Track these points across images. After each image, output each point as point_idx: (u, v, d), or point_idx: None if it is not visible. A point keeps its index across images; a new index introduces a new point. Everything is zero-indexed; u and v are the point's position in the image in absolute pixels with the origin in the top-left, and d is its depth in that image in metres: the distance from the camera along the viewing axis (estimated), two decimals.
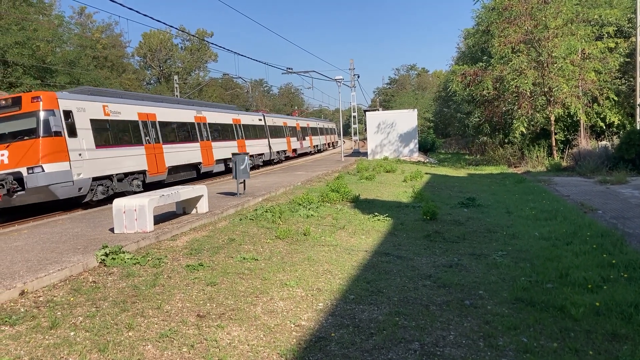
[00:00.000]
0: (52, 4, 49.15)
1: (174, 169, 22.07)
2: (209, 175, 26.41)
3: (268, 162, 35.75)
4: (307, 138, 50.11)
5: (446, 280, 7.36)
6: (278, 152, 38.21)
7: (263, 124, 36.10)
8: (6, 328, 5.40)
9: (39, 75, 38.76)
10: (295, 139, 44.97)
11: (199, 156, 24.44)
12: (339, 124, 46.03)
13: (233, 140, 29.22)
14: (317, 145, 55.86)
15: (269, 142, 36.40)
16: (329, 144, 65.59)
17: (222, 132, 28.20)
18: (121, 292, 6.62)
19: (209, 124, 26.34)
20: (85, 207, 16.45)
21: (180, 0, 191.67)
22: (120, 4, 14.81)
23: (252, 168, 27.92)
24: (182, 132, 23.60)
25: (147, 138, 20.16)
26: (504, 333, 5.44)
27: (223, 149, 27.02)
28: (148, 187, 18.56)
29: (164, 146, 21.22)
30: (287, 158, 41.57)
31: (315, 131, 55.93)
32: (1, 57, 35.33)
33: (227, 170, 27.17)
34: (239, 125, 30.71)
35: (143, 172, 19.49)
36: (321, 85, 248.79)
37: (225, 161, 27.13)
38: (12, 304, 6.09)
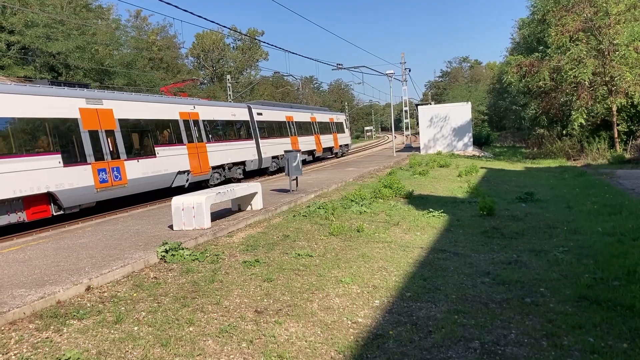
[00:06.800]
0: (110, 8, 50.90)
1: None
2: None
3: None
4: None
5: (505, 277, 7.17)
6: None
7: None
8: (74, 322, 5.63)
9: (98, 77, 40.25)
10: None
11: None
12: (390, 118, 44.06)
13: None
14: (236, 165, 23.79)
15: None
16: (311, 152, 34.35)
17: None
18: (181, 287, 6.78)
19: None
20: (144, 205, 16.98)
21: (231, 0, 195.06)
22: (175, 6, 15.13)
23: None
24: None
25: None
26: (568, 332, 5.26)
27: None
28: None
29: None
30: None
31: (225, 129, 23.30)
32: (63, 61, 36.89)
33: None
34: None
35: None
36: (371, 80, 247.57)
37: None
38: (79, 299, 6.34)
